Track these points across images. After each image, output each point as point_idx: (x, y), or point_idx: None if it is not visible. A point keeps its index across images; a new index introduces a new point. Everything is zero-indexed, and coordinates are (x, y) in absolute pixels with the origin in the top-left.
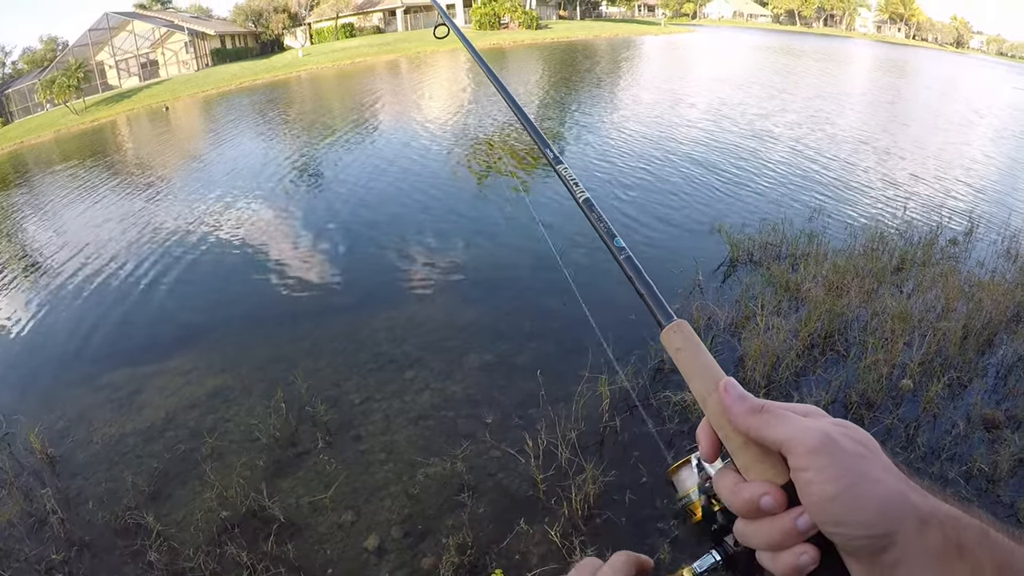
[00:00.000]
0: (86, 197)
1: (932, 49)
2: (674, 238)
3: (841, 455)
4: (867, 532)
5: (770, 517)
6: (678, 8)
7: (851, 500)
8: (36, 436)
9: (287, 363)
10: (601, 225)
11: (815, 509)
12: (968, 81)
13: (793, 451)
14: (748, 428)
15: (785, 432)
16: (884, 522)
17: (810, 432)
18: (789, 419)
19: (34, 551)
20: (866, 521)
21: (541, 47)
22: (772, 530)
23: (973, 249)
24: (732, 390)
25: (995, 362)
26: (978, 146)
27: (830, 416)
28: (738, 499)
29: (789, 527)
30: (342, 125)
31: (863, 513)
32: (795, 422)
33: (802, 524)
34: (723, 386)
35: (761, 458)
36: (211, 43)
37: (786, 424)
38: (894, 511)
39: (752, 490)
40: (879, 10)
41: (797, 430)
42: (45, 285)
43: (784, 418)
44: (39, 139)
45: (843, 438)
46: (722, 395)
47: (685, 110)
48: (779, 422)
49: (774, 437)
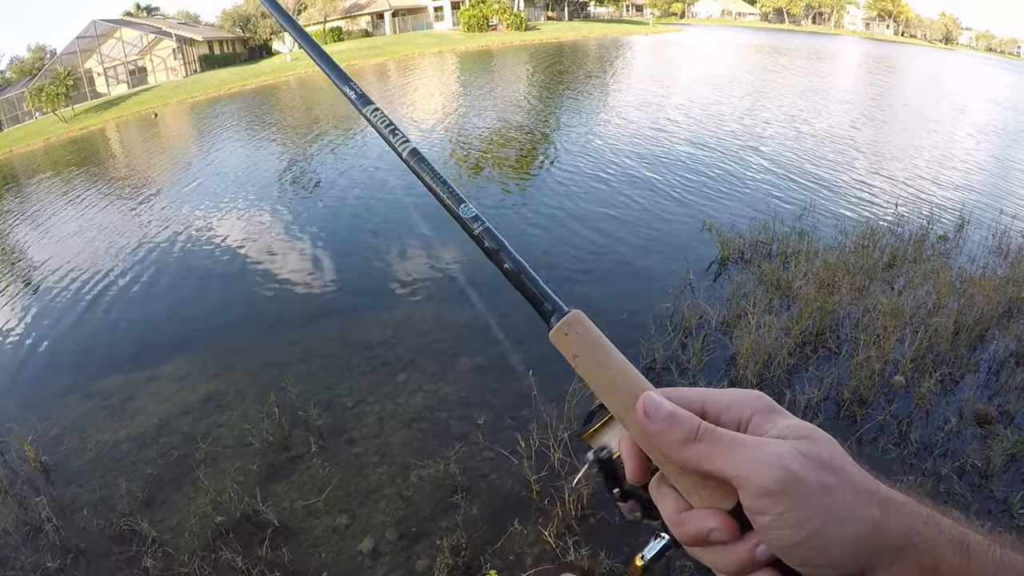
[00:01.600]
0: (76, 205)
1: (921, 46)
2: (664, 237)
3: (804, 495)
4: (837, 573)
5: (723, 545)
6: (666, 7)
7: (818, 544)
8: (30, 444)
9: (279, 368)
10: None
11: (777, 551)
12: (957, 77)
13: (746, 490)
14: (684, 462)
15: (733, 466)
16: (856, 562)
17: (765, 466)
18: (735, 447)
19: (30, 559)
20: (834, 564)
21: (529, 48)
22: (728, 559)
23: (964, 245)
24: (655, 413)
25: (987, 357)
26: (967, 143)
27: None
28: (683, 531)
29: (746, 557)
30: (331, 129)
31: (832, 556)
32: (744, 452)
33: (761, 554)
34: (643, 409)
35: (703, 482)
36: (199, 49)
37: (733, 455)
38: (865, 550)
39: (699, 522)
40: (867, 7)
41: (748, 463)
42: (36, 293)
43: (729, 446)
44: (28, 148)
45: (806, 469)
46: (642, 423)
47: (672, 109)
48: (723, 452)
49: (720, 471)
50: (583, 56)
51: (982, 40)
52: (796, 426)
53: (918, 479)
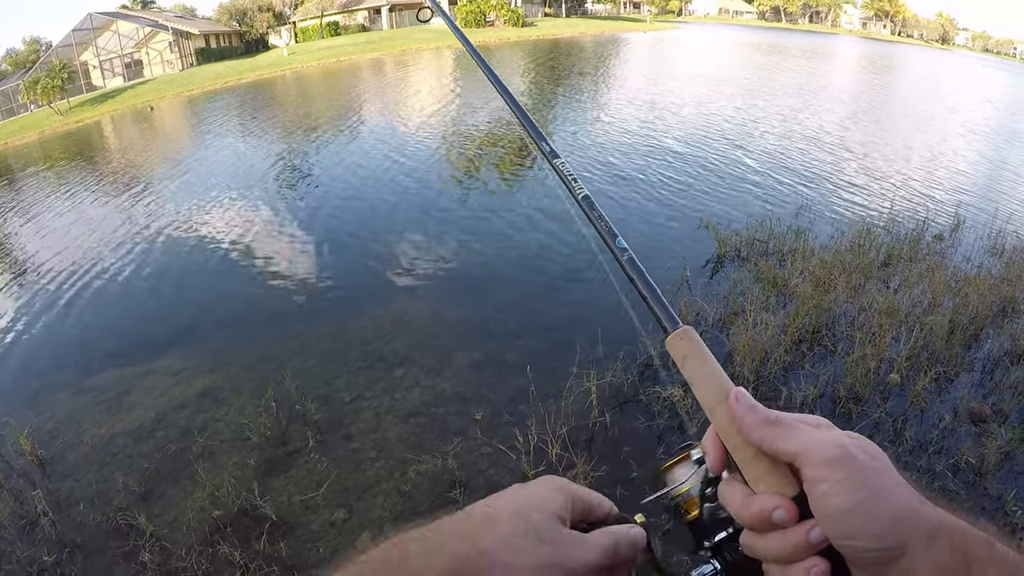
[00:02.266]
0: (71, 198)
1: (917, 45)
2: (660, 234)
3: (857, 468)
4: (879, 545)
5: (781, 530)
6: (663, 5)
7: (865, 513)
8: (26, 438)
9: (276, 362)
10: (602, 224)
11: (829, 522)
12: (953, 78)
13: (809, 462)
14: (761, 440)
15: (800, 444)
16: (896, 535)
17: (826, 444)
18: (803, 431)
19: (25, 553)
20: (879, 534)
21: (526, 44)
22: (784, 543)
23: (959, 245)
24: (743, 401)
25: (981, 356)
26: (963, 143)
27: (838, 429)
28: (749, 511)
29: (801, 540)
30: (327, 124)
31: (876, 526)
32: (810, 434)
33: (815, 537)
34: (734, 396)
35: (771, 470)
36: (195, 42)
37: (800, 436)
38: (906, 524)
39: (764, 503)
40: (864, 7)
41: (812, 442)
42: (29, 286)
43: (798, 430)
44: (23, 140)
45: (858, 451)
46: (733, 406)
47: (666, 107)
48: (793, 434)
49: (788, 449)
50: (579, 53)
51: (978, 41)
52: (850, 433)
53: (913, 476)
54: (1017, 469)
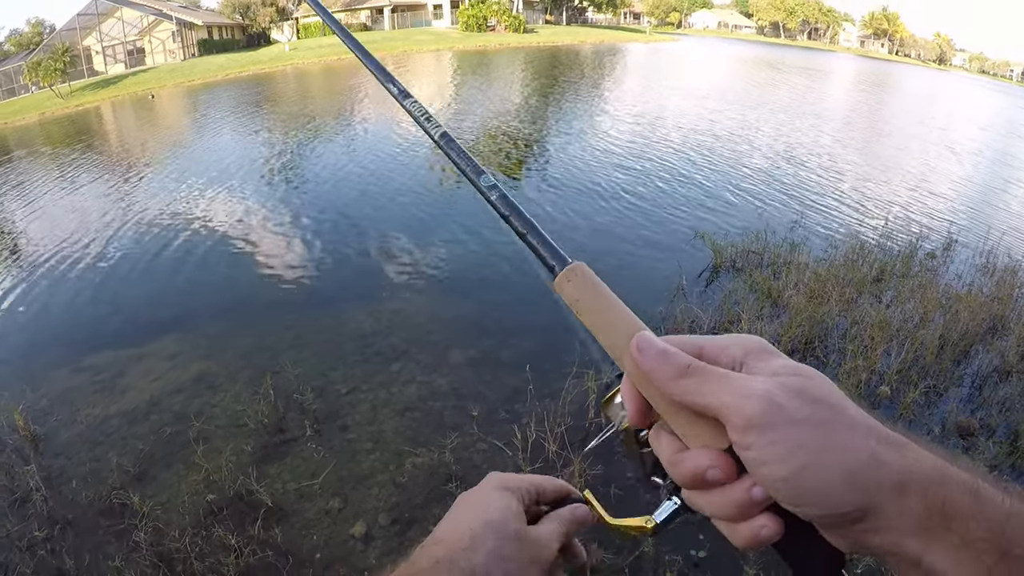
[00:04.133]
0: (70, 180)
1: (915, 65)
2: (657, 243)
3: (788, 426)
4: (832, 510)
5: (720, 488)
6: (663, 17)
7: (808, 478)
8: (20, 414)
9: (272, 352)
10: (464, 162)
11: (767, 487)
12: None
13: (731, 424)
14: (673, 395)
15: (718, 399)
16: (851, 499)
17: (749, 399)
18: (723, 380)
19: (16, 527)
20: (828, 500)
21: (526, 51)
22: (725, 502)
23: (951, 263)
24: (648, 349)
25: (971, 372)
26: (958, 163)
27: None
28: (679, 469)
29: (743, 498)
30: (328, 119)
31: (824, 491)
32: (730, 384)
33: (757, 495)
34: (636, 345)
35: (697, 420)
36: (198, 33)
37: (719, 387)
38: (863, 482)
39: (694, 461)
40: (863, 25)
41: (733, 395)
42: (26, 266)
43: (717, 380)
44: (23, 121)
45: (791, 400)
46: (637, 357)
47: (664, 119)
48: (710, 386)
49: (707, 405)
50: (579, 61)
51: (975, 62)
52: (788, 365)
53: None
54: (1004, 483)
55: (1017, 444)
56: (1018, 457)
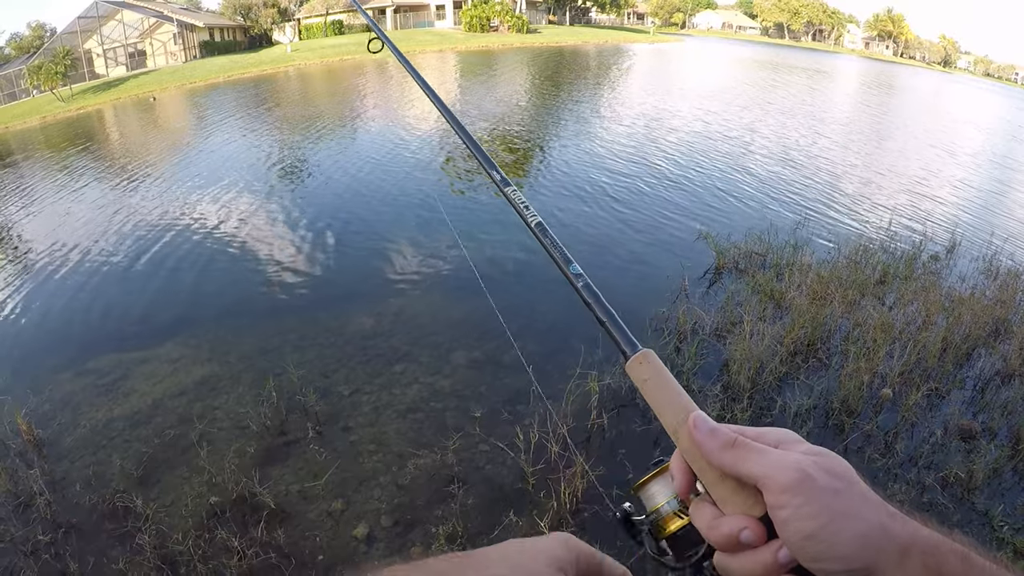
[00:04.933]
0: (72, 183)
1: (919, 67)
2: (660, 244)
3: (816, 492)
4: (846, 567)
5: (751, 550)
6: (667, 17)
7: (829, 537)
8: (23, 418)
9: (275, 354)
10: (556, 251)
11: (794, 546)
12: (955, 101)
13: (768, 488)
14: (722, 464)
15: (759, 468)
16: (863, 557)
17: (785, 468)
18: (763, 453)
19: (20, 531)
20: (845, 556)
21: (529, 51)
22: (754, 564)
23: (955, 266)
24: (702, 426)
25: (973, 375)
26: (963, 167)
27: (806, 442)
28: (717, 533)
29: (770, 560)
30: (330, 121)
31: (842, 549)
32: (769, 457)
33: (783, 557)
34: (692, 422)
35: (737, 490)
36: (200, 35)
37: (760, 459)
38: (873, 545)
39: (731, 524)
40: (868, 27)
41: (771, 467)
42: (31, 269)
43: (758, 452)
44: (25, 124)
45: (819, 473)
46: (692, 431)
47: (667, 119)
48: (753, 457)
49: (748, 472)
50: (582, 61)
51: (980, 65)
52: (814, 448)
53: (903, 488)
54: (1004, 486)
55: (1019, 447)
56: (1019, 460)
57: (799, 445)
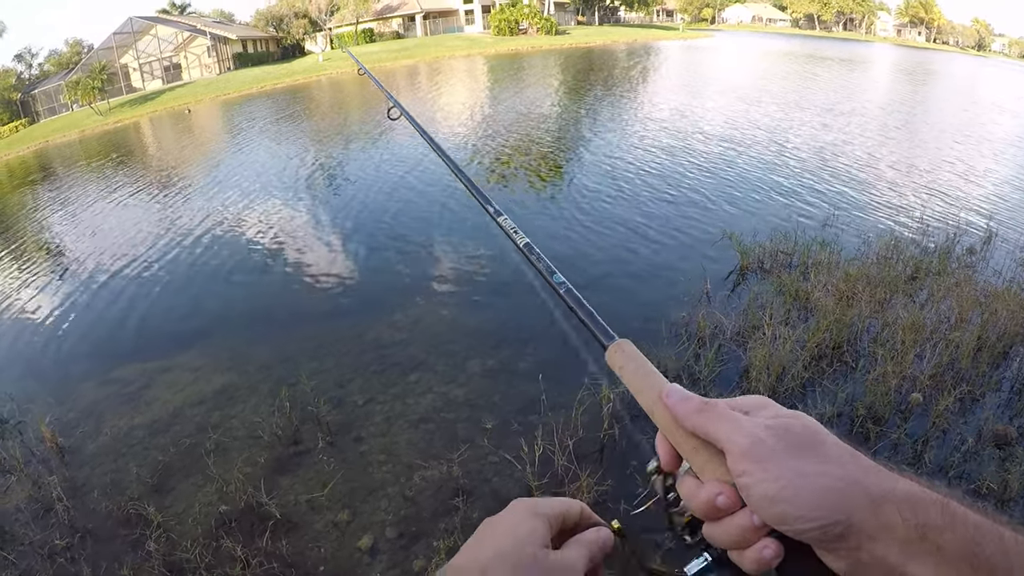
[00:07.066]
0: (106, 195)
1: (953, 52)
2: (683, 246)
3: (770, 457)
4: (814, 525)
5: (729, 516)
6: (697, 13)
7: (789, 497)
8: (47, 426)
9: (293, 363)
10: (541, 264)
11: (758, 510)
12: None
13: (729, 454)
14: (695, 426)
15: (723, 431)
16: (831, 512)
17: (741, 434)
18: (727, 418)
19: (38, 536)
20: (810, 515)
21: (559, 53)
22: (732, 528)
23: (991, 258)
24: (674, 394)
25: (1009, 375)
26: (998, 154)
27: (777, 406)
28: (696, 501)
29: (747, 523)
30: (360, 131)
31: (804, 509)
32: (732, 422)
33: (756, 520)
34: (665, 392)
35: (712, 458)
36: (233, 47)
37: (724, 424)
38: (839, 499)
39: (707, 491)
40: (899, 14)
41: (732, 431)
42: (62, 280)
43: (723, 417)
44: (64, 138)
45: (770, 436)
46: (665, 400)
47: (697, 116)
48: (718, 422)
49: (716, 436)
50: (612, 61)
51: (1016, 47)
52: (781, 412)
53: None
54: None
55: None
56: None
57: (766, 410)
